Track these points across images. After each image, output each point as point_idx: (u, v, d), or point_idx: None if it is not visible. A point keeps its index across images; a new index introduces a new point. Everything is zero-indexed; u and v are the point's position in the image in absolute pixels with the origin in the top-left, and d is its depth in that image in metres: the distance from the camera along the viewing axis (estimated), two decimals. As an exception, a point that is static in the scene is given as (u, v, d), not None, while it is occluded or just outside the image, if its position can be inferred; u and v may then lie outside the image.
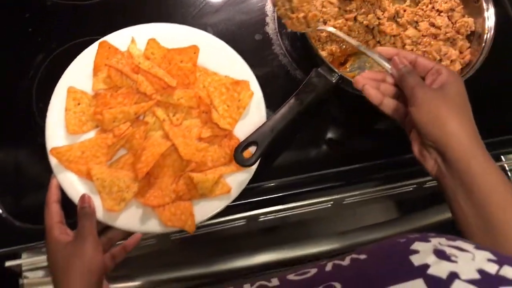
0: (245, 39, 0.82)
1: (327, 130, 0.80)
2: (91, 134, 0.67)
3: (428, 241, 0.35)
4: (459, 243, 0.34)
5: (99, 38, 0.71)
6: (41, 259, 0.70)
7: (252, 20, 0.84)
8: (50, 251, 0.59)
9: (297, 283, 0.38)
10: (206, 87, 0.71)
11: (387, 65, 0.61)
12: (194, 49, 0.71)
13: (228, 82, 0.71)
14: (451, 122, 0.51)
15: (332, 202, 0.80)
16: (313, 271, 0.38)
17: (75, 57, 0.70)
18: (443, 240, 0.35)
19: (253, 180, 0.69)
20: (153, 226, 0.63)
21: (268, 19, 0.84)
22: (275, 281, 0.39)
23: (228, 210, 0.70)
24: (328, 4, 0.79)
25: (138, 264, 0.78)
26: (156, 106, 0.68)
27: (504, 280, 0.30)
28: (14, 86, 0.74)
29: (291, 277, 0.39)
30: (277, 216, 0.79)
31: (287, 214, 0.80)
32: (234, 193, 0.67)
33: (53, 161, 0.64)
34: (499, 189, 0.50)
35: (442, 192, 0.55)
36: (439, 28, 0.79)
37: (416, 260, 0.33)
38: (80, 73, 0.69)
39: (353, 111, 0.81)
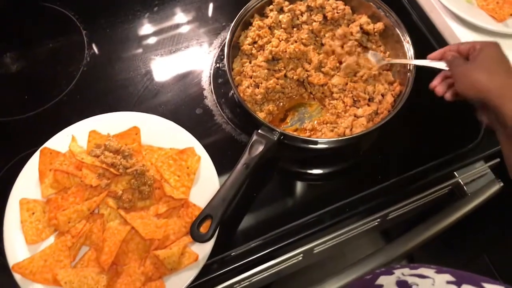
0: (187, 115, 0.84)
1: (285, 183, 0.81)
2: (51, 239, 0.67)
3: (392, 273, 0.36)
4: (421, 270, 0.36)
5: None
6: None
7: (190, 96, 0.87)
8: None
9: None
10: (154, 163, 0.73)
11: (443, 64, 0.71)
12: (136, 131, 0.74)
13: (174, 153, 0.73)
14: (479, 80, 0.62)
15: (302, 255, 0.80)
16: None
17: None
18: (406, 270, 0.36)
19: (219, 251, 0.70)
20: (129, 314, 0.62)
21: (206, 93, 0.88)
22: None
23: (202, 285, 0.70)
24: (257, 68, 0.82)
25: None
26: (108, 196, 0.69)
27: None
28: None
29: None
30: (252, 280, 0.79)
31: (263, 275, 0.79)
32: (202, 259, 0.67)
33: (17, 277, 0.63)
34: None
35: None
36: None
37: None
38: (28, 184, 0.71)
39: (303, 161, 0.83)
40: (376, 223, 0.83)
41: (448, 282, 0.34)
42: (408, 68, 0.79)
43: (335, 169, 0.84)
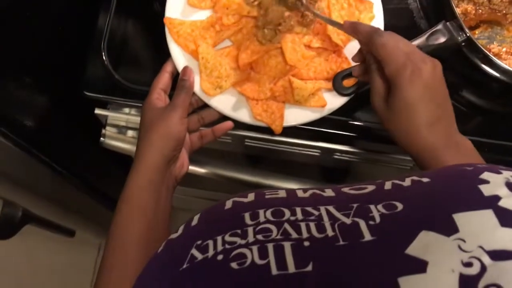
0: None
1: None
2: (206, 14, 0.67)
3: (499, 172, 0.31)
4: None
5: None
6: (124, 117, 0.75)
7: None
8: (144, 110, 0.62)
9: (354, 197, 0.35)
10: (328, -2, 0.68)
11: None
12: (327, -45, 0.68)
13: (351, -1, 0.68)
14: (420, 135, 0.50)
15: (411, 165, 0.76)
16: (371, 187, 0.35)
17: None
18: None
19: (342, 113, 0.66)
20: (243, 115, 0.63)
21: (410, -43, 0.78)
22: (329, 192, 0.37)
23: (308, 133, 0.69)
24: None
25: (208, 155, 0.81)
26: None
27: None
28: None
29: (346, 190, 0.36)
30: (351, 158, 0.76)
31: (360, 160, 0.77)
32: (327, 110, 0.65)
33: (166, 29, 0.65)
34: None
35: None
36: None
37: (486, 190, 0.30)
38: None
39: (466, 79, 0.73)
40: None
41: None
42: None
43: (489, 107, 0.75)
